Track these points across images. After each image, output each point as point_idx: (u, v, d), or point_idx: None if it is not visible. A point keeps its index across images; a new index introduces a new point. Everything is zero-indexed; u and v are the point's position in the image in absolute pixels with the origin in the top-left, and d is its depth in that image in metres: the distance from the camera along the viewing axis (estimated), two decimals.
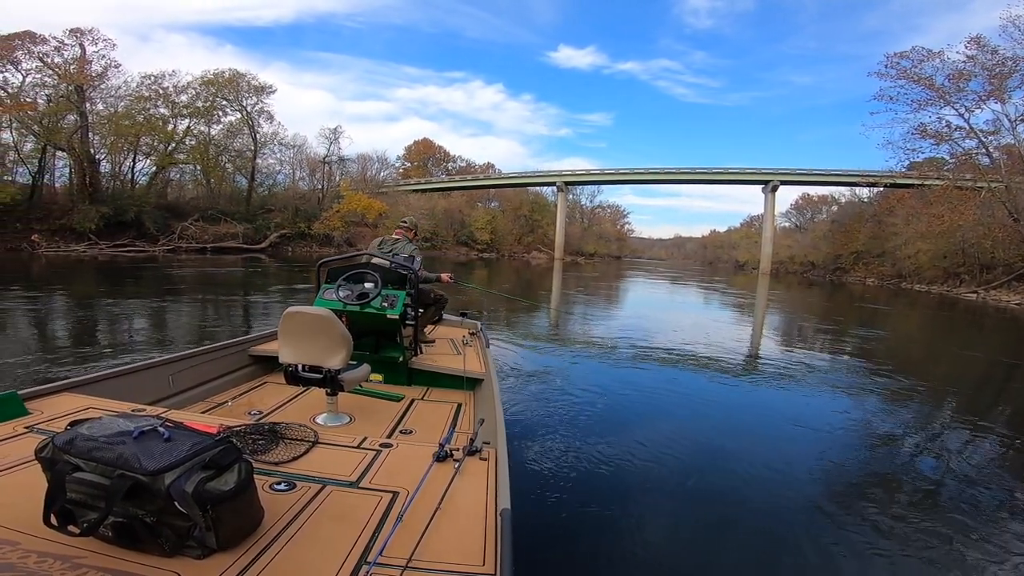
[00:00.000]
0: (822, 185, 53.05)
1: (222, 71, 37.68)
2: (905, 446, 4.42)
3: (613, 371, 6.50)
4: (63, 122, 29.78)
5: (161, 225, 31.23)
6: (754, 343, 9.93)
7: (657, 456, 3.66)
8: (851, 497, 3.24)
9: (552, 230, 61.65)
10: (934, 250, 30.19)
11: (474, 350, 4.13)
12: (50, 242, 26.69)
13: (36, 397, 2.18)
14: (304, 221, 39.63)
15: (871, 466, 3.89)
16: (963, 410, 5.68)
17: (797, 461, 3.78)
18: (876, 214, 39.79)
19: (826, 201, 58.00)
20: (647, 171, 57.63)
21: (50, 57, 29.44)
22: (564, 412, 4.51)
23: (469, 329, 4.91)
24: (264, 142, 40.88)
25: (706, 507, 3.02)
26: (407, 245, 4.21)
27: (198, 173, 38.70)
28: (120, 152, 33.38)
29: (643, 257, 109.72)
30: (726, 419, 4.85)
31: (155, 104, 34.67)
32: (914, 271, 32.51)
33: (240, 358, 3.57)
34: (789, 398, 5.79)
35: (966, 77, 26.67)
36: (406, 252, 4.10)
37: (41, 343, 6.64)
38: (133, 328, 7.81)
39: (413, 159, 70.69)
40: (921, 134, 28.62)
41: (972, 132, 27.77)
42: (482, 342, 4.38)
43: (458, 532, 1.41)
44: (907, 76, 28.26)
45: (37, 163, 29.40)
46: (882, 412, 5.46)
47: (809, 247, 50.25)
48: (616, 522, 2.78)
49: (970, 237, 27.33)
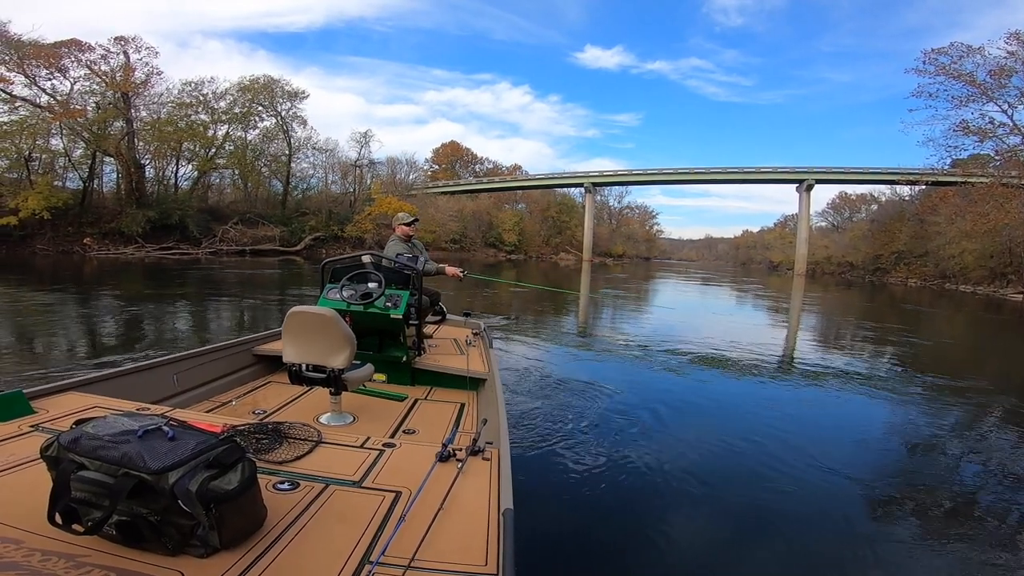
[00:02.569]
0: (860, 183, 51.54)
1: (257, 77, 38.71)
2: (947, 454, 4.20)
3: (621, 373, 6.38)
4: (110, 129, 30.95)
5: (203, 228, 32.32)
6: (788, 346, 9.60)
7: (662, 457, 3.60)
8: (883, 508, 3.10)
9: (580, 231, 61.38)
10: (979, 250, 29.01)
11: (477, 350, 4.12)
12: (101, 245, 27.98)
13: (41, 396, 2.21)
14: (337, 224, 40.40)
15: (908, 475, 3.70)
16: (1009, 418, 5.36)
17: (825, 465, 3.62)
18: (918, 213, 38.47)
19: (865, 200, 56.08)
20: (676, 171, 56.83)
21: (97, 65, 30.63)
22: (567, 412, 4.47)
23: (472, 329, 4.91)
24: (298, 147, 41.91)
25: (711, 509, 2.99)
26: (415, 243, 4.32)
27: (236, 177, 39.91)
28: (163, 157, 34.75)
29: (672, 259, 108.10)
30: (739, 422, 4.70)
31: (195, 110, 35.82)
32: (959, 271, 31.30)
33: (244, 357, 3.61)
34: (820, 402, 5.57)
35: (1008, 73, 25.46)
36: (412, 251, 4.17)
37: (93, 339, 6.98)
38: (177, 327, 8.11)
39: (441, 161, 71.37)
40: (963, 131, 27.37)
41: (1016, 128, 26.48)
42: (485, 342, 4.38)
43: (461, 532, 1.41)
44: (946, 72, 27.14)
45: (87, 169, 30.69)
46: (923, 419, 5.19)
47: (847, 247, 48.80)
48: (619, 522, 2.77)
49: (1017, 236, 26.23)
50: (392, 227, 4.46)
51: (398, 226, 4.37)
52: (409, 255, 4.09)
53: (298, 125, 41.18)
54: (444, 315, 5.16)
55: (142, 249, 28.56)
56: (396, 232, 4.37)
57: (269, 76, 39.09)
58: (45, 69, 28.41)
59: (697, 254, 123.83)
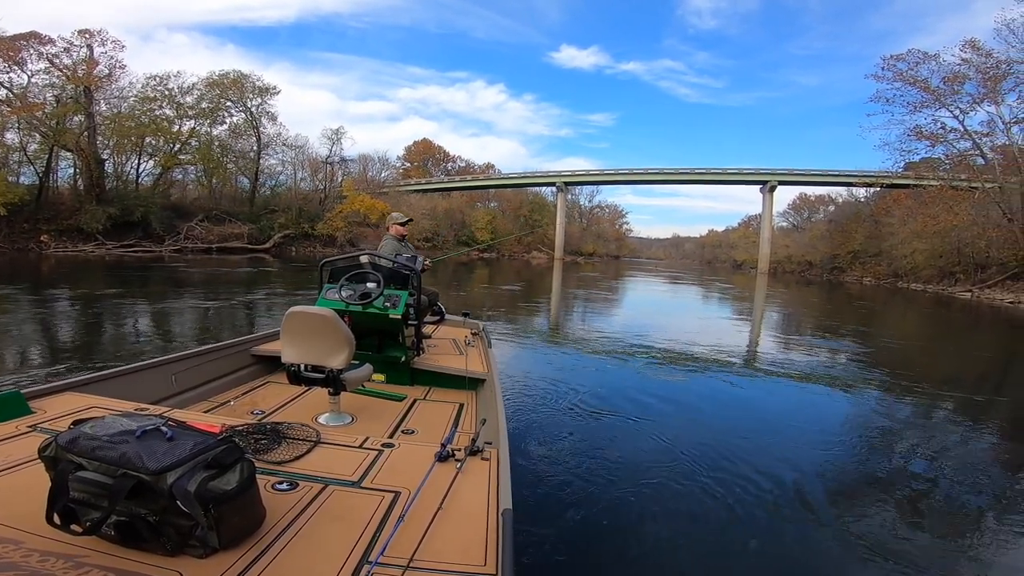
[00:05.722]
0: (819, 185, 53.20)
1: (227, 72, 37.72)
2: (902, 443, 4.44)
3: (616, 371, 6.49)
4: (70, 123, 29.73)
5: (167, 226, 31.23)
6: (758, 345, 9.94)
7: (659, 456, 3.65)
8: (845, 495, 3.27)
9: (551, 230, 61.62)
10: (930, 250, 30.22)
11: (476, 350, 4.12)
12: (58, 242, 26.75)
13: (40, 396, 2.18)
14: (307, 222, 39.63)
15: (868, 464, 3.91)
16: (960, 407, 5.72)
17: (801, 461, 3.76)
18: (873, 214, 39.76)
19: (823, 201, 58.14)
20: (646, 171, 57.65)
21: (59, 58, 29.43)
22: (567, 412, 4.50)
23: (471, 329, 4.91)
24: (267, 143, 40.89)
25: (708, 507, 3.00)
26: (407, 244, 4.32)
27: (200, 174, 38.67)
28: (124, 153, 33.38)
29: (641, 257, 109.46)
30: (730, 419, 4.83)
31: (160, 105, 34.68)
32: (910, 270, 32.52)
33: (243, 358, 3.58)
34: (799, 398, 5.84)
35: (961, 79, 26.92)
36: (409, 252, 4.16)
37: (47, 342, 6.67)
38: (138, 328, 7.84)
39: (413, 159, 70.67)
40: (917, 135, 28.91)
41: (967, 133, 28.08)
42: (484, 342, 4.38)
43: (460, 532, 1.41)
44: (903, 78, 28.53)
45: (44, 164, 29.36)
46: (880, 410, 5.49)
47: (806, 247, 50.19)
48: (618, 522, 2.77)
49: (965, 237, 27.47)
50: (386, 227, 4.49)
51: (392, 226, 4.39)
52: (409, 255, 4.09)
53: (268, 121, 40.28)
54: (443, 315, 5.14)
55: (102, 247, 27.43)
56: (390, 232, 4.38)
57: (239, 71, 38.16)
58: (2, 62, 27.14)
59: (665, 253, 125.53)
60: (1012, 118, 25.80)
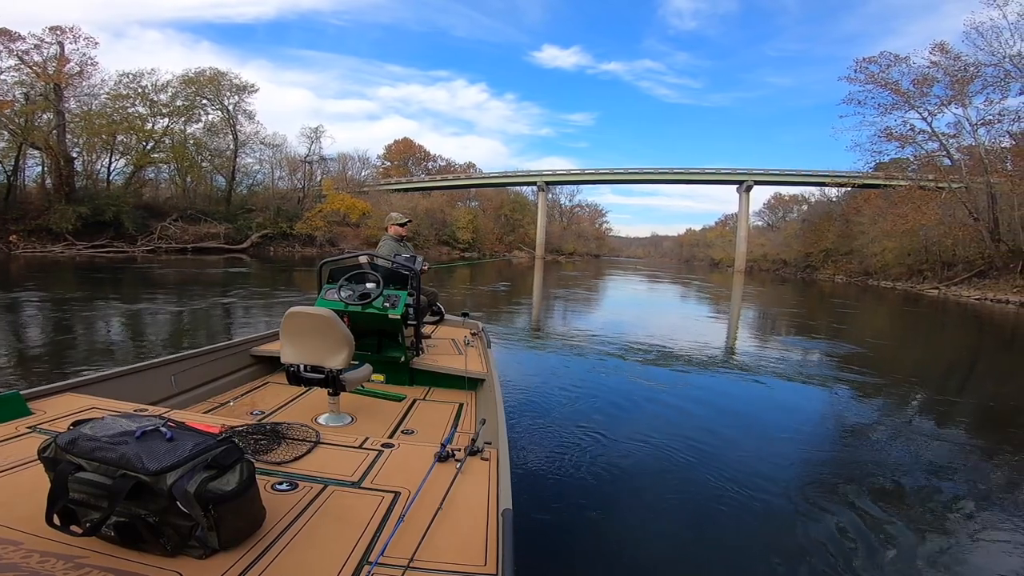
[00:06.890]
0: (793, 185, 54.44)
1: (203, 70, 37.14)
2: (876, 435, 4.58)
3: (612, 371, 6.49)
4: (39, 121, 28.94)
5: (140, 225, 30.48)
6: (749, 342, 10.25)
7: (660, 456, 3.65)
8: (825, 487, 3.34)
9: (532, 229, 61.81)
10: (899, 248, 31.15)
11: (476, 350, 4.12)
12: (27, 243, 25.90)
13: (39, 397, 2.16)
14: (286, 221, 39.06)
15: (846, 456, 4.04)
16: (931, 398, 5.96)
17: (800, 457, 3.85)
18: (844, 213, 40.73)
19: (797, 201, 59.57)
20: (626, 171, 58.22)
21: (29, 55, 28.65)
22: (566, 412, 4.49)
23: (471, 329, 4.91)
24: (244, 141, 40.25)
25: (707, 506, 3.00)
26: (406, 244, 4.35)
27: (174, 173, 37.85)
28: (95, 151, 32.52)
29: (621, 256, 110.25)
30: (727, 417, 4.85)
31: (132, 102, 33.91)
32: (880, 268, 33.41)
33: (242, 358, 3.56)
34: (793, 395, 5.95)
35: (930, 82, 27.69)
36: (408, 252, 4.19)
37: (18, 346, 6.44)
38: (112, 333, 7.62)
39: (393, 158, 70.14)
40: (887, 137, 29.69)
41: (935, 135, 28.88)
42: (484, 342, 4.37)
43: (459, 532, 1.42)
44: (875, 80, 29.23)
45: (12, 162, 28.42)
46: (855, 403, 5.67)
47: (781, 245, 51.22)
48: (618, 522, 2.78)
49: (932, 236, 28.37)
50: (385, 227, 4.49)
51: (391, 226, 4.40)
52: (408, 255, 4.08)
53: (245, 119, 39.73)
54: (442, 315, 5.13)
55: (72, 247, 26.64)
56: (389, 232, 4.38)
57: (216, 69, 37.67)
58: None
59: (644, 251, 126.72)
60: (979, 119, 26.68)
